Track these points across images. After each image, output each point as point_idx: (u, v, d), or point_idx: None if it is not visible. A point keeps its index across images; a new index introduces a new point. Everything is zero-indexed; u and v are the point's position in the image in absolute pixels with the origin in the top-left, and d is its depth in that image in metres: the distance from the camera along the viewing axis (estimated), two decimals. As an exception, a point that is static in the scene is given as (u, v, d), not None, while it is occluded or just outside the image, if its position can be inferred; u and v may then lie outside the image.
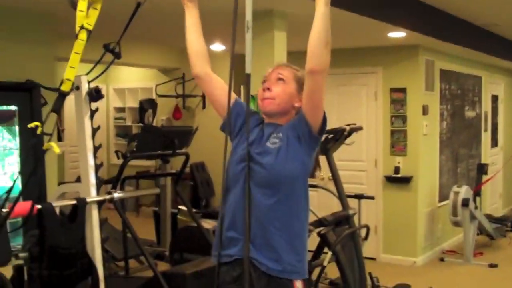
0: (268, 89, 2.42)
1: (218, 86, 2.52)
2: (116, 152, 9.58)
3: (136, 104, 10.34)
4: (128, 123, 10.69)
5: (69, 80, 2.64)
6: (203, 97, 9.38)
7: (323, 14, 2.11)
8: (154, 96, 9.75)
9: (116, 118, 10.94)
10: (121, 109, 10.89)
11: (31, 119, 4.62)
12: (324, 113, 2.34)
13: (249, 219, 2.19)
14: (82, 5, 2.58)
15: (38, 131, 2.65)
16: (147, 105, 8.26)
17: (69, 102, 6.23)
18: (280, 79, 2.43)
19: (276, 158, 2.32)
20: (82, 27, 2.59)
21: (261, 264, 2.29)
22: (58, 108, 2.66)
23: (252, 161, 2.32)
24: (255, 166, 2.32)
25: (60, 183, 4.91)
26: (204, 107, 9.42)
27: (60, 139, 5.10)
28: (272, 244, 2.29)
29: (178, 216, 6.93)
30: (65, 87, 2.65)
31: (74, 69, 2.65)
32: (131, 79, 10.63)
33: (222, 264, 2.36)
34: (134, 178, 8.44)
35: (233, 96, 2.56)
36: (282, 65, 2.51)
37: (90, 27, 2.61)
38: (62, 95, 2.66)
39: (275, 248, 2.29)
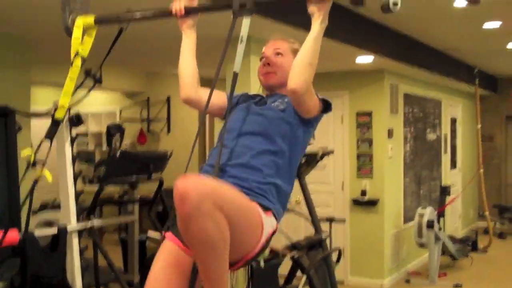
0: (268, 64, 2.48)
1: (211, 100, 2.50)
2: (83, 177, 9.49)
3: (99, 129, 10.25)
4: (91, 148, 10.56)
5: (63, 107, 2.62)
6: (168, 121, 9.39)
7: (314, 38, 2.16)
8: (117, 120, 9.69)
9: (78, 143, 10.78)
10: (83, 134, 10.75)
11: (5, 145, 4.54)
12: (320, 100, 2.36)
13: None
14: (77, 32, 2.57)
15: (31, 159, 2.62)
16: (114, 130, 8.17)
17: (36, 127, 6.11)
18: (278, 53, 2.49)
19: (277, 113, 2.34)
20: (77, 54, 2.58)
21: (237, 181, 2.17)
22: (52, 136, 2.63)
23: (253, 114, 2.36)
24: (255, 116, 2.35)
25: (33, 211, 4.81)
26: (169, 131, 9.41)
27: (34, 164, 4.99)
28: (252, 178, 2.20)
29: (147, 243, 6.85)
30: (59, 114, 2.63)
31: (68, 96, 2.63)
32: (94, 103, 10.52)
33: None
34: (108, 204, 8.33)
35: (223, 94, 2.57)
36: (278, 39, 2.54)
37: (85, 54, 2.60)
38: (56, 123, 2.64)
39: (255, 180, 2.20)
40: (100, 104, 10.40)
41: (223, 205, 1.82)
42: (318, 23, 2.14)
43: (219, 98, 2.52)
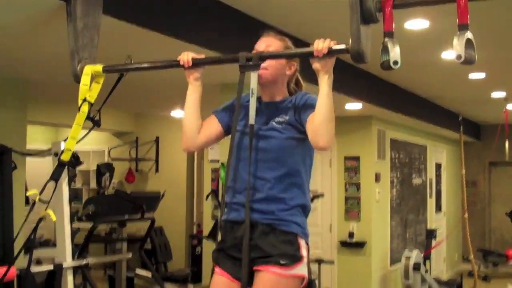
0: None
1: (206, 137, 2.56)
2: (74, 214, 9.52)
3: (87, 167, 10.28)
4: (78, 185, 10.57)
5: (69, 150, 2.71)
6: (156, 161, 9.47)
7: (326, 95, 2.25)
8: (106, 159, 9.75)
9: (65, 180, 10.80)
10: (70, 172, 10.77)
11: (0, 183, 4.60)
12: None
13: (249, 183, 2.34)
14: (85, 79, 2.68)
15: (36, 199, 2.69)
16: (104, 169, 8.27)
17: (30, 165, 6.16)
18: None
19: (281, 133, 2.42)
20: (84, 100, 2.68)
21: (265, 215, 2.36)
22: (57, 177, 2.72)
23: (259, 138, 2.42)
24: (261, 141, 2.42)
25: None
26: (157, 171, 9.48)
27: (27, 202, 5.07)
28: (276, 208, 2.37)
29: (135, 281, 6.88)
30: (65, 157, 2.72)
31: (75, 140, 2.73)
32: (83, 142, 10.49)
33: (226, 222, 2.47)
34: (102, 242, 8.37)
35: (214, 120, 2.59)
36: (270, 36, 2.56)
37: (92, 100, 2.70)
38: (62, 165, 2.73)
39: (280, 209, 2.37)
40: (89, 143, 10.45)
41: None
42: (325, 81, 2.24)
43: (213, 127, 2.56)
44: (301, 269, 2.38)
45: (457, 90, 7.49)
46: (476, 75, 6.36)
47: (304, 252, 2.40)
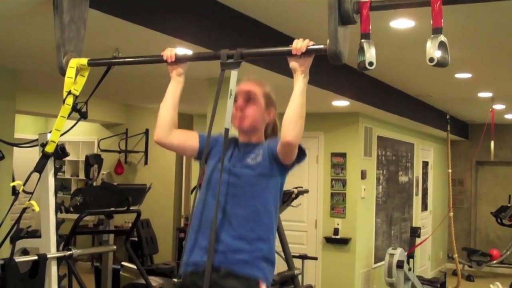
0: (241, 109, 2.57)
1: (179, 140, 2.63)
2: (60, 205, 9.53)
3: (76, 157, 10.31)
4: (67, 176, 10.60)
5: (53, 142, 2.75)
6: (146, 153, 9.50)
7: (300, 92, 2.33)
8: (96, 150, 9.76)
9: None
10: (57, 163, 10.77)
11: (-12, 173, 4.64)
12: (300, 148, 2.48)
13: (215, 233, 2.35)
14: (70, 72, 2.72)
15: (20, 189, 2.74)
16: (93, 160, 8.29)
17: (19, 155, 6.18)
18: (250, 97, 2.59)
19: (253, 170, 2.48)
20: (69, 93, 2.72)
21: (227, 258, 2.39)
22: (41, 169, 2.77)
23: (231, 175, 2.48)
24: (233, 178, 2.47)
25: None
26: (146, 163, 9.51)
27: (14, 192, 5.08)
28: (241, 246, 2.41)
29: (121, 273, 6.90)
30: (49, 148, 2.77)
31: (59, 132, 2.77)
32: (73, 132, 10.50)
33: (190, 274, 2.46)
34: (88, 234, 8.39)
35: (195, 134, 2.67)
36: (250, 83, 2.63)
37: (77, 93, 2.75)
38: (46, 156, 2.78)
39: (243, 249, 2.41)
40: (78, 133, 10.46)
41: None
42: (301, 79, 2.32)
43: (192, 139, 2.63)
44: None
45: (444, 89, 7.57)
46: (462, 75, 6.42)
47: None
